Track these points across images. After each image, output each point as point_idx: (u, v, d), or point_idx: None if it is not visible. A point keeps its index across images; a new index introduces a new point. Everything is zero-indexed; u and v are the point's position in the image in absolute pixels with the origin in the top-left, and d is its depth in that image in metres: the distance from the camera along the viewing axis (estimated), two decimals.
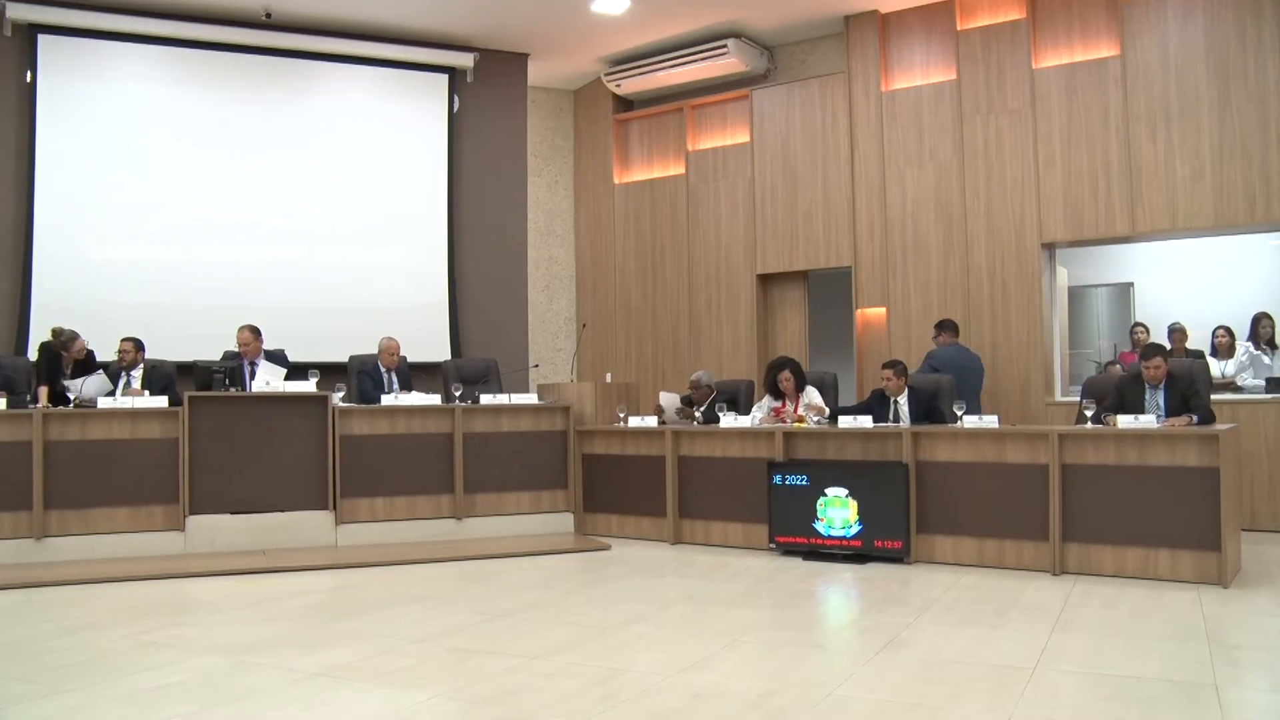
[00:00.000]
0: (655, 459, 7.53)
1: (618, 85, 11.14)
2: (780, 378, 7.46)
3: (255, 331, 7.87)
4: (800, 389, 7.48)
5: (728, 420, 7.35)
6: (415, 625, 4.90)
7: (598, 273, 11.71)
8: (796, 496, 6.72)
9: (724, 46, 10.16)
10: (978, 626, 4.72)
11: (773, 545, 6.84)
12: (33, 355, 8.31)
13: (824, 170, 10.00)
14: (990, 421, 6.40)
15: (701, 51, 10.34)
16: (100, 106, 9.39)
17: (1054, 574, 5.91)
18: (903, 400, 7.10)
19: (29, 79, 9.16)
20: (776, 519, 6.83)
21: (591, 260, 11.80)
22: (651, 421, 7.71)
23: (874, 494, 6.47)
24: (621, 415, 7.81)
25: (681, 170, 11.02)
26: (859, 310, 9.78)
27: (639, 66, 10.83)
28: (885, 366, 7.20)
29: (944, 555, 6.34)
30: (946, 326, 8.54)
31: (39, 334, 8.49)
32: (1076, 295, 10.63)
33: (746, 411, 7.67)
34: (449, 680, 3.97)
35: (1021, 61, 8.92)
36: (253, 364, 7.76)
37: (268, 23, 9.71)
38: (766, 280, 10.51)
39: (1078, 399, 6.92)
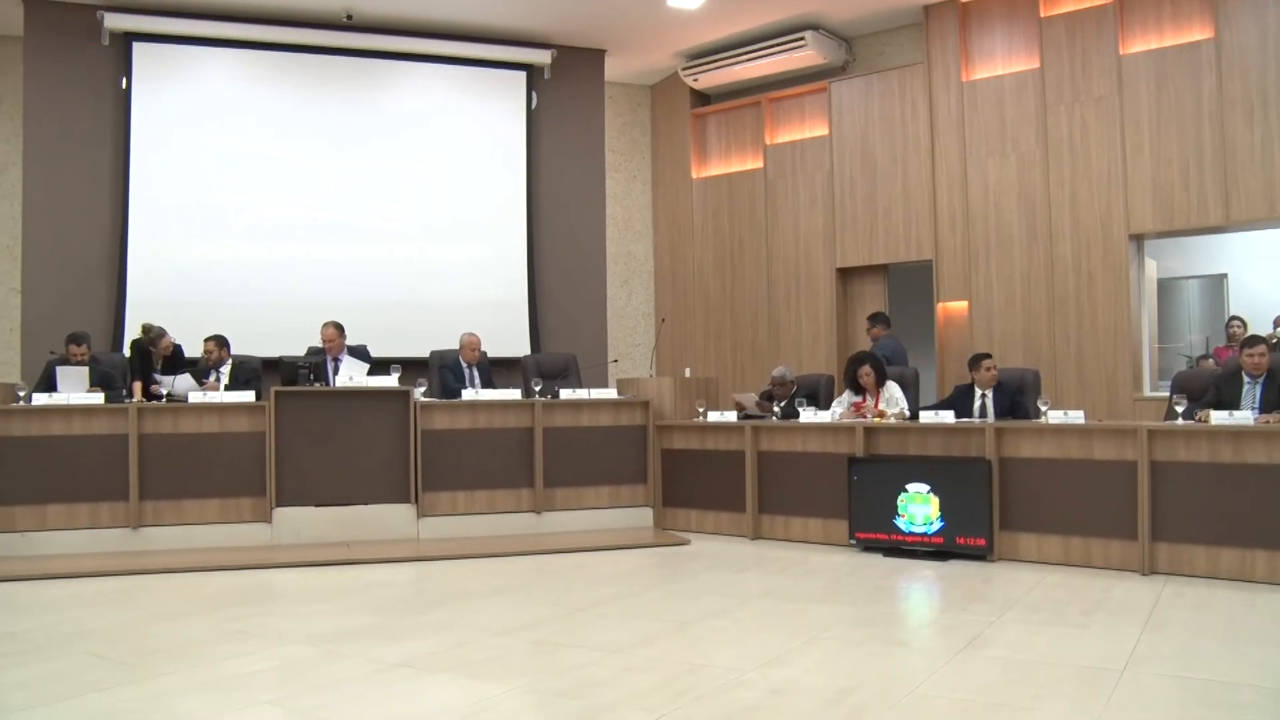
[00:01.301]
0: (735, 454, 7.54)
1: (695, 80, 11.14)
2: (860, 372, 7.41)
3: (339, 328, 8.04)
4: (881, 384, 7.41)
5: (807, 415, 7.32)
6: (495, 618, 4.98)
7: (676, 267, 11.74)
8: (877, 492, 6.68)
9: (801, 39, 10.10)
10: (1063, 626, 4.64)
11: (853, 541, 6.81)
12: (127, 352, 8.61)
13: (904, 162, 9.90)
14: (1076, 417, 6.28)
15: (779, 44, 10.30)
16: (189, 110, 9.70)
17: (1143, 574, 5.79)
18: (988, 393, 7.01)
19: (124, 85, 9.50)
20: (856, 515, 6.79)
21: (670, 255, 11.82)
22: (731, 416, 7.71)
23: (956, 490, 6.40)
24: (701, 410, 7.83)
25: (760, 164, 10.99)
26: (940, 304, 9.66)
27: (716, 60, 10.82)
28: (983, 358, 7.10)
29: (1028, 553, 6.25)
30: (880, 319, 8.88)
31: (133, 331, 8.78)
32: (1166, 287, 10.36)
33: (826, 406, 7.63)
34: (528, 672, 4.03)
35: (1108, 47, 8.72)
36: (336, 360, 7.93)
37: (348, 24, 9.93)
38: (846, 274, 10.44)
39: (1167, 394, 6.76)
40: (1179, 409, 6.05)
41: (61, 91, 9.40)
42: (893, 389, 7.37)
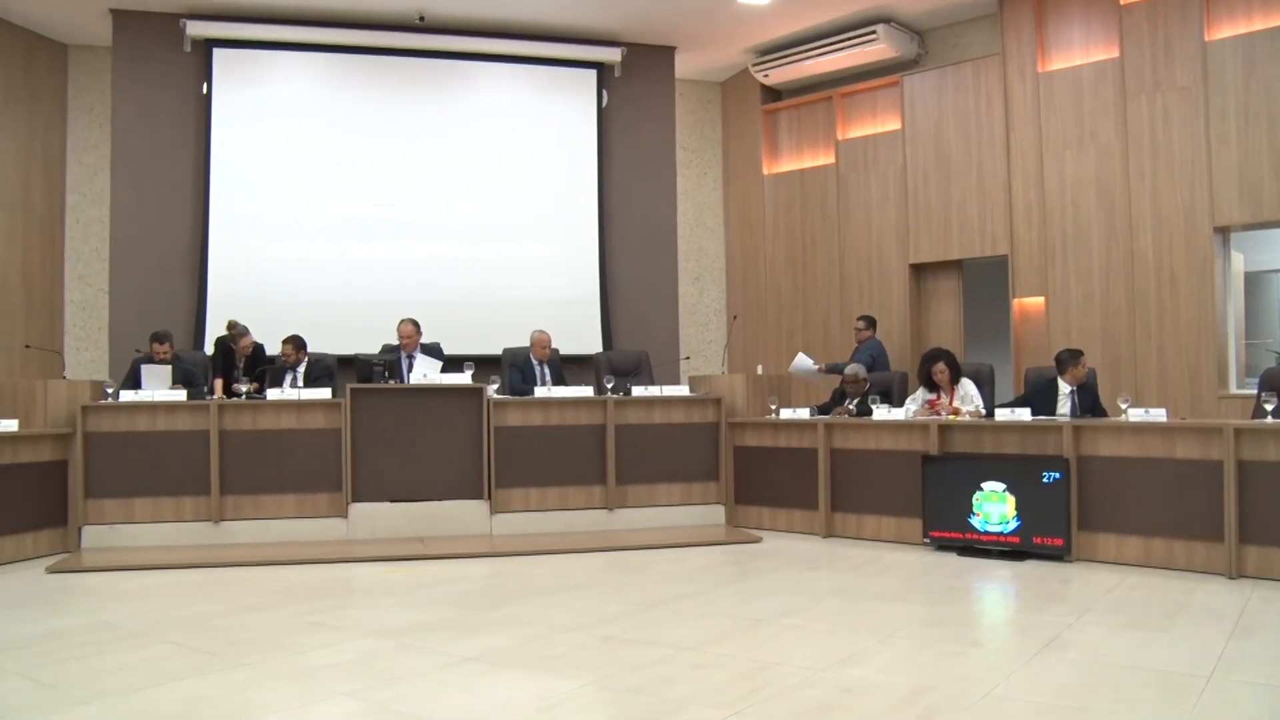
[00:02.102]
0: (807, 451, 7.49)
1: (765, 75, 11.09)
2: (935, 370, 7.32)
3: (416, 325, 8.15)
4: (955, 381, 7.32)
5: (881, 413, 7.26)
6: (568, 614, 5.01)
7: (748, 264, 11.70)
8: (952, 490, 6.60)
9: (873, 32, 10.00)
10: (1145, 630, 4.54)
11: (926, 540, 6.73)
12: (209, 350, 8.82)
13: (978, 156, 9.75)
14: (1158, 415, 6.14)
15: (850, 38, 10.21)
16: (267, 113, 9.93)
17: (1230, 577, 5.64)
18: (1074, 391, 6.88)
19: (205, 91, 9.75)
20: (931, 513, 6.72)
21: (741, 252, 11.79)
22: (804, 413, 7.66)
23: (1033, 489, 6.29)
24: (773, 407, 7.79)
25: (831, 159, 10.90)
26: (1016, 300, 9.50)
27: (787, 56, 10.76)
28: (1078, 355, 6.98)
29: (1107, 554, 6.12)
30: (872, 321, 9.21)
31: (214, 330, 9.02)
32: (1254, 281, 10.04)
33: (899, 404, 7.56)
34: (600, 669, 4.05)
35: (1192, 34, 8.48)
36: (410, 357, 8.03)
37: (421, 26, 10.08)
38: (919, 270, 10.31)
39: (1255, 391, 6.57)
40: (1268, 406, 5.86)
41: (146, 98, 9.70)
42: (967, 386, 7.27)
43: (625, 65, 10.71)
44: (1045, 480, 6.24)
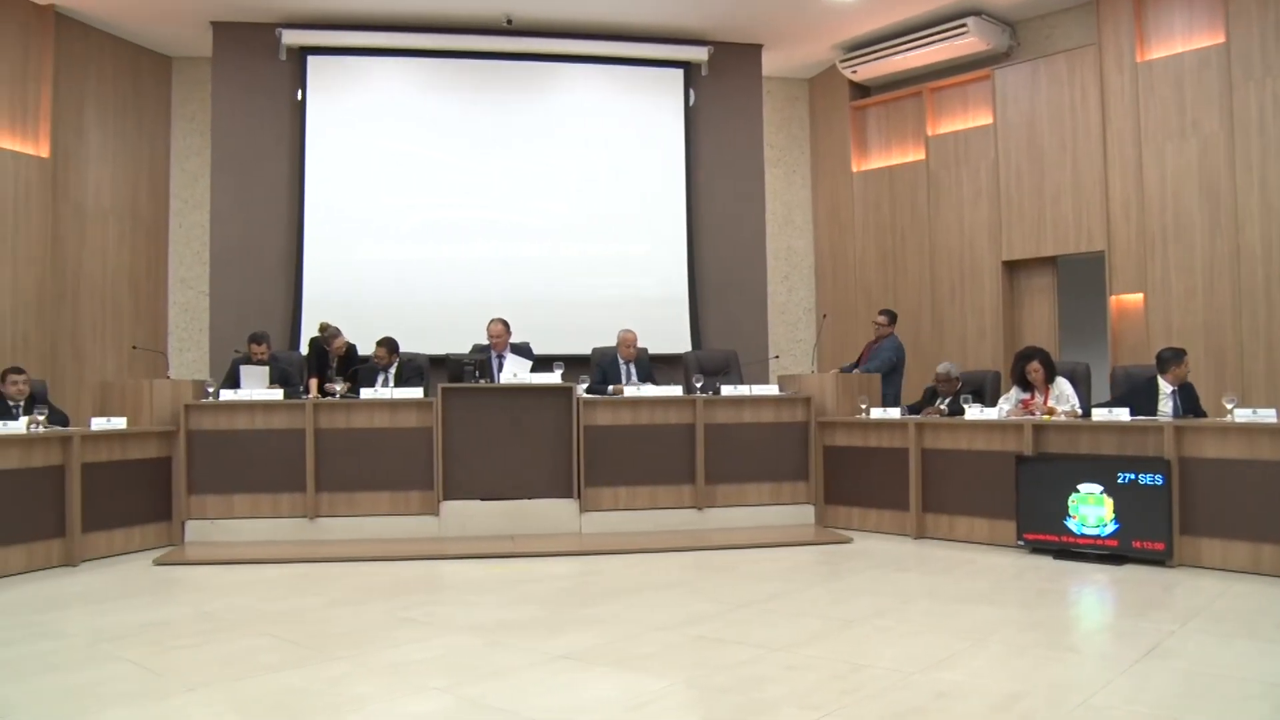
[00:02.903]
0: (898, 451, 7.39)
1: (854, 71, 10.98)
2: (1029, 369, 7.16)
3: (506, 324, 8.23)
4: (1050, 380, 7.14)
5: (973, 412, 7.12)
6: (658, 613, 5.02)
7: (837, 262, 11.59)
8: (1046, 492, 6.45)
9: (963, 26, 9.83)
10: (1254, 640, 4.36)
11: (1020, 543, 6.59)
12: (304, 350, 9.03)
13: (1073, 150, 9.51)
14: (1266, 415, 5.90)
15: (940, 32, 10.05)
16: (359, 118, 10.16)
17: None
18: (1169, 391, 6.68)
19: (299, 97, 10.01)
20: (1024, 515, 6.57)
21: (830, 250, 11.69)
22: (894, 413, 7.56)
23: (1132, 492, 6.11)
24: (863, 407, 7.70)
25: (921, 155, 10.75)
26: (1113, 297, 9.25)
27: (875, 51, 10.64)
28: (1176, 352, 6.79)
29: (1211, 559, 5.91)
30: (894, 317, 9.06)
31: (309, 330, 9.24)
32: None
33: (992, 403, 7.41)
34: (690, 668, 4.05)
35: None
36: (500, 356, 8.12)
37: (508, 29, 10.19)
38: (1012, 267, 10.10)
39: None
40: None
41: (244, 106, 9.99)
42: (1063, 385, 7.10)
43: (712, 64, 10.69)
44: (1145, 482, 6.06)
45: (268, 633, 4.66)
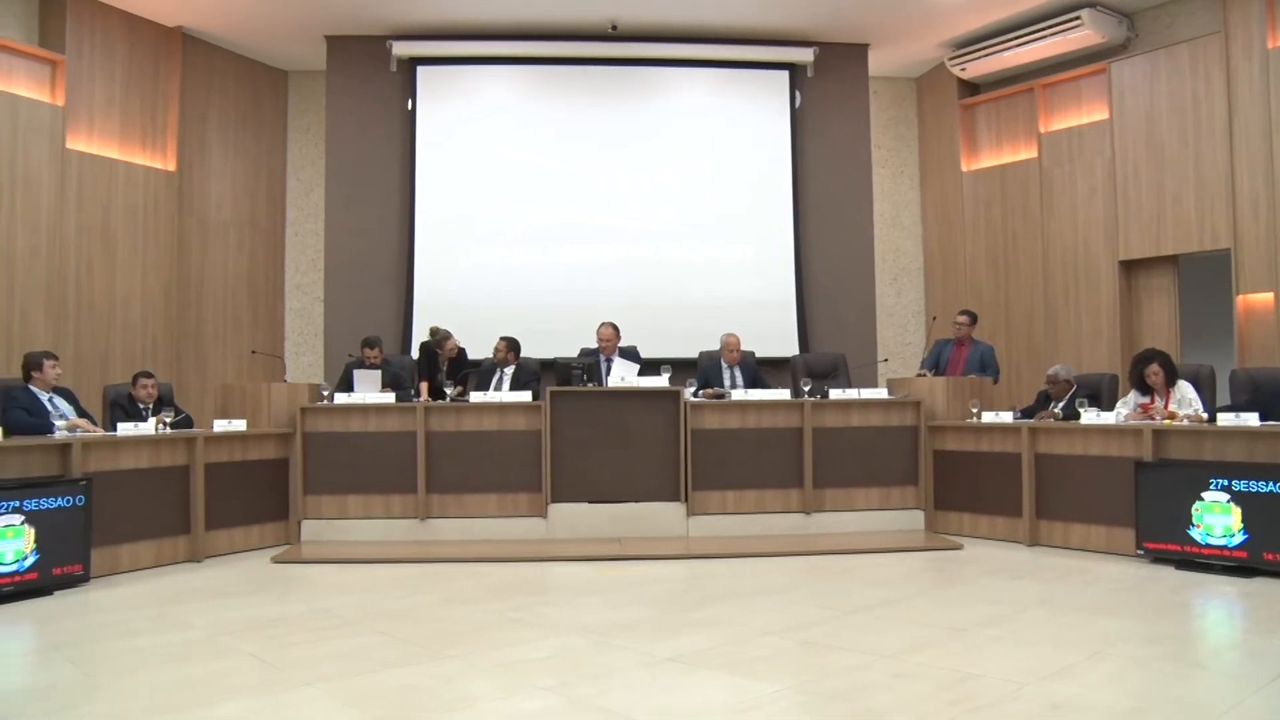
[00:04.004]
0: (1010, 456, 7.22)
1: (962, 69, 10.77)
2: (1148, 371, 6.91)
3: (615, 328, 8.29)
4: (1171, 384, 6.89)
5: (1089, 416, 6.92)
6: (765, 617, 4.99)
7: (947, 264, 11.38)
8: (1168, 500, 6.21)
9: (1077, 18, 9.56)
10: None
11: (1140, 552, 6.36)
12: (415, 354, 9.22)
13: (1195, 144, 9.16)
14: None
15: (1052, 26, 9.80)
16: (468, 125, 10.37)
17: None
18: None
19: (410, 107, 10.24)
20: (1144, 523, 6.34)
21: (940, 251, 11.48)
22: (1006, 417, 7.39)
23: (1262, 501, 5.84)
24: (974, 410, 7.55)
25: (1033, 153, 10.49)
26: (1240, 296, 8.87)
27: (985, 48, 10.42)
28: None
29: None
30: (975, 317, 8.79)
31: (420, 334, 9.44)
32: None
33: (1109, 407, 7.18)
34: (798, 673, 4.02)
35: None
36: (609, 360, 8.17)
37: (613, 34, 10.26)
38: (1129, 266, 9.77)
39: None
40: None
41: (356, 116, 10.28)
42: (1185, 389, 6.84)
43: (818, 65, 10.60)
44: (1277, 490, 5.80)
45: (381, 630, 4.77)
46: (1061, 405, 7.42)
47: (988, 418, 7.45)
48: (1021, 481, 7.10)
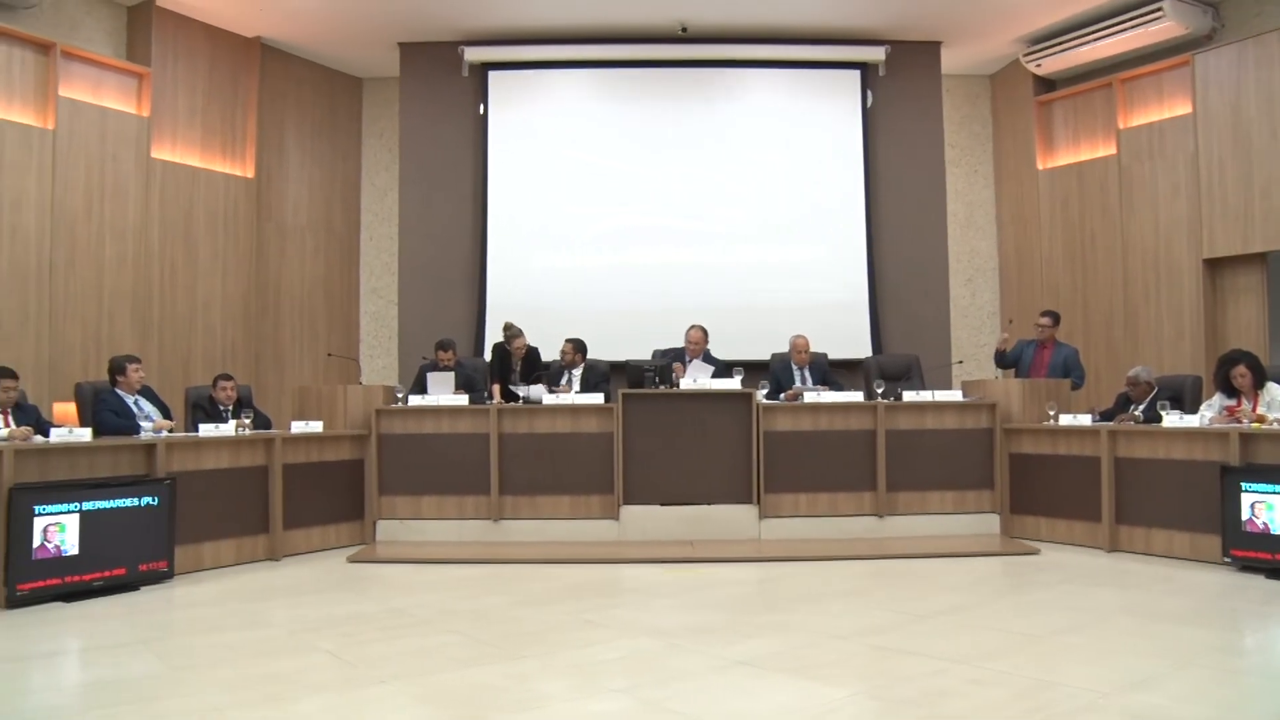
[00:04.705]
0: (1089, 459, 7.06)
1: (1038, 65, 10.58)
2: (1235, 373, 6.71)
3: (705, 331, 8.30)
4: (1259, 386, 6.68)
5: (1172, 419, 6.74)
6: (838, 621, 4.95)
7: (1022, 264, 11.18)
8: (1258, 507, 6.02)
9: (1158, 10, 9.31)
10: None
11: (1227, 559, 6.16)
12: (488, 356, 9.31)
13: None
14: None
15: (1132, 18, 9.57)
16: (539, 129, 10.44)
17: None
18: None
19: (482, 112, 10.35)
20: (1232, 530, 6.14)
21: (1015, 251, 11.29)
22: (1085, 420, 7.24)
23: None
24: (1051, 413, 7.41)
25: (1112, 150, 10.25)
26: None
27: (1061, 43, 10.22)
28: None
29: None
30: (1058, 318, 8.56)
31: (493, 336, 9.52)
32: None
33: (1192, 410, 6.99)
34: (871, 678, 3.98)
35: None
36: (695, 362, 8.17)
37: (682, 36, 10.26)
38: (1214, 265, 9.50)
39: None
40: None
41: (429, 122, 10.42)
42: (1274, 391, 6.63)
43: (889, 64, 10.49)
44: None
45: (455, 630, 4.82)
46: (1142, 408, 7.25)
47: (1065, 420, 7.30)
48: (1101, 486, 6.94)
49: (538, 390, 7.91)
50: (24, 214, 8.28)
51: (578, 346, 8.41)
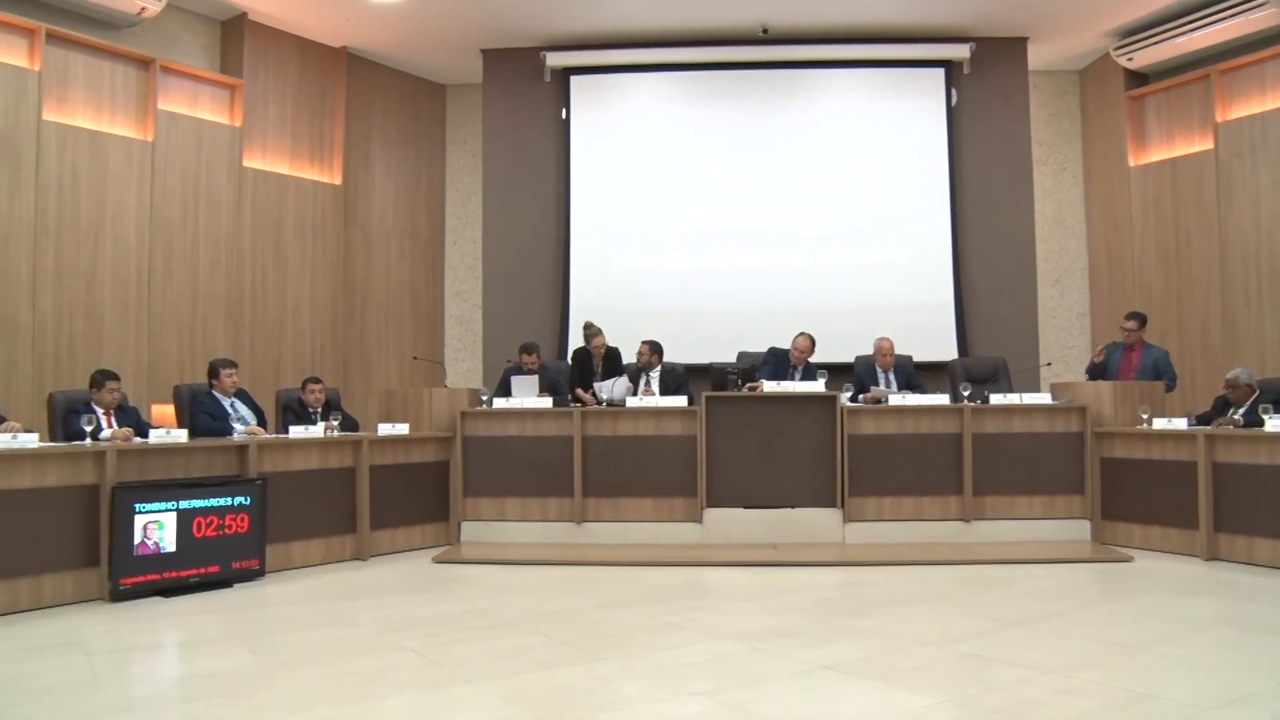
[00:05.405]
0: (1185, 464, 6.85)
1: (1129, 59, 10.31)
2: None
3: (812, 340, 8.21)
4: None
5: (1274, 424, 6.51)
6: (923, 627, 4.87)
7: (1113, 264, 10.90)
8: None
9: None
10: None
11: None
12: (570, 360, 9.37)
13: None
14: None
15: (1230, 7, 9.28)
16: (620, 132, 10.49)
17: None
18: None
19: (564, 116, 10.42)
20: None
21: (1106, 250, 11.01)
22: (1180, 424, 7.03)
23: None
24: (1144, 416, 7.21)
25: (1209, 145, 9.94)
26: None
27: (1154, 35, 9.95)
28: None
29: None
30: (1144, 320, 8.23)
31: (576, 340, 9.58)
32: None
33: None
34: (957, 686, 3.91)
35: None
36: (794, 368, 8.11)
37: (764, 38, 10.23)
38: None
39: None
40: None
41: (512, 127, 10.54)
42: None
43: (974, 61, 10.32)
44: None
45: (539, 631, 4.86)
46: (1242, 411, 7.02)
47: (1159, 424, 7.09)
48: (1198, 492, 6.72)
49: (620, 390, 7.92)
50: (125, 224, 8.59)
51: (654, 348, 8.40)
